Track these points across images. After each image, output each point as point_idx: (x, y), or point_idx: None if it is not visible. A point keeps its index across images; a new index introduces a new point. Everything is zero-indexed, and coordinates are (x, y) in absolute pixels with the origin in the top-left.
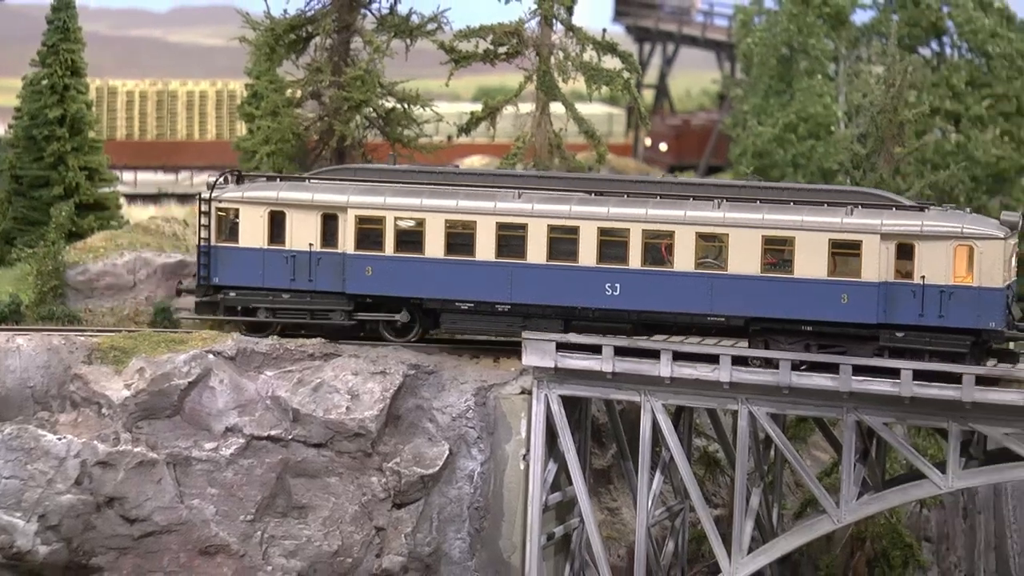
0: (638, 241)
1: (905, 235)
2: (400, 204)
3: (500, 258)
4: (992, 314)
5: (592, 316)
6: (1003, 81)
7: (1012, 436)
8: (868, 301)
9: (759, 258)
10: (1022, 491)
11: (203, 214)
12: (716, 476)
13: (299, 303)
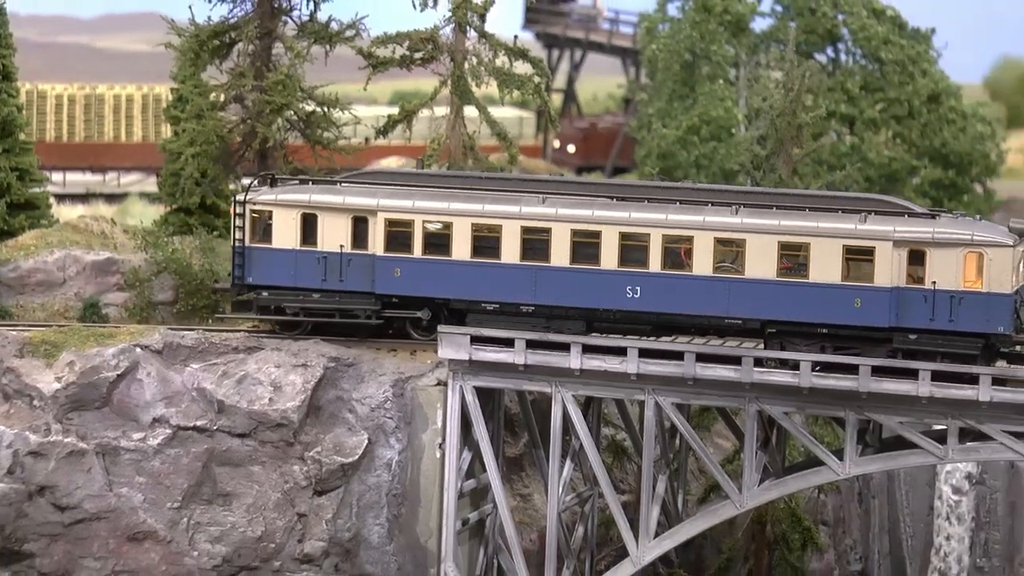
0: (658, 245)
1: (917, 242)
2: (428, 208)
3: (525, 261)
4: (1001, 319)
5: (613, 318)
6: (895, 86)
7: (906, 424)
8: (881, 305)
9: (775, 263)
10: (915, 477)
11: (238, 216)
12: (624, 464)
13: (328, 302)
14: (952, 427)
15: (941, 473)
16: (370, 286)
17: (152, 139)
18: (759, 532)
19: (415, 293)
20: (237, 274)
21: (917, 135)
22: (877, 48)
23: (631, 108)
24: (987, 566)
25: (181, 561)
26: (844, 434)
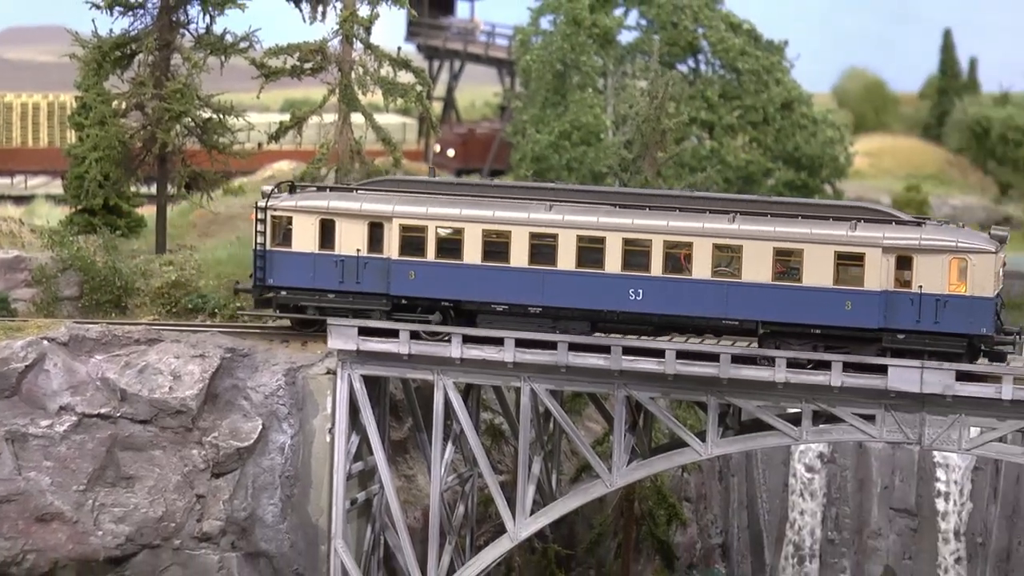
0: (660, 251)
1: (905, 248)
2: (441, 214)
3: (533, 265)
4: (983, 321)
5: (617, 319)
6: (751, 94)
7: (763, 408)
8: (871, 308)
9: (770, 267)
10: (771, 456)
11: (259, 221)
12: (501, 446)
13: (343, 302)
14: (806, 410)
15: (795, 453)
16: (385, 288)
17: (58, 144)
18: (627, 509)
19: (428, 295)
20: (258, 276)
21: (772, 139)
22: (734, 59)
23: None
24: (837, 538)
25: (87, 540)
26: (706, 417)
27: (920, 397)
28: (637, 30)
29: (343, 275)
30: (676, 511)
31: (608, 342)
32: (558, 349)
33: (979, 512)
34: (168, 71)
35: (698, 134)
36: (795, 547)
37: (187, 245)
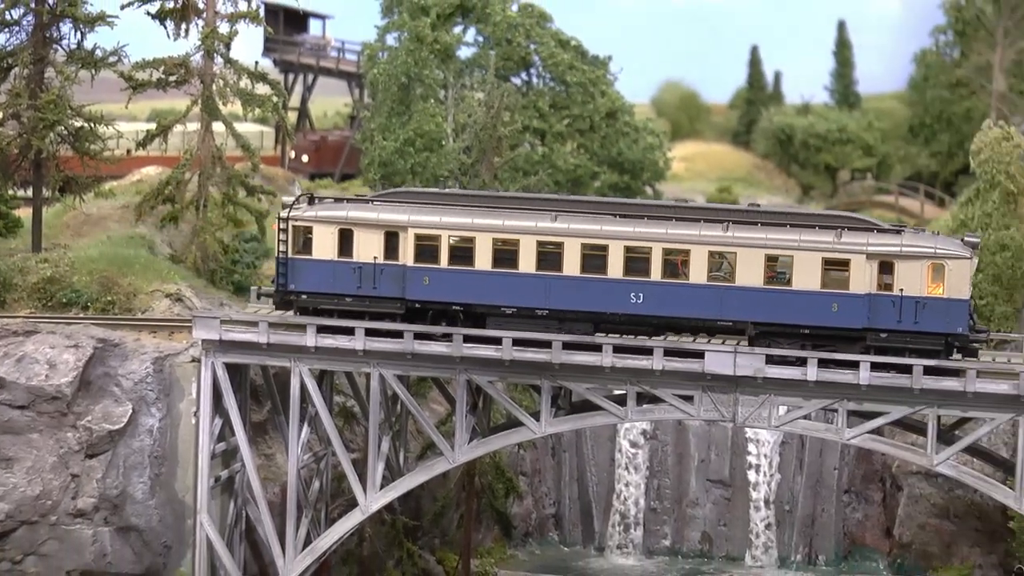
0: (659, 257)
1: (887, 254)
2: (454, 223)
3: (540, 271)
4: (959, 321)
5: (618, 320)
6: (579, 104)
7: (592, 390)
8: (856, 309)
9: (762, 272)
10: (599, 433)
11: (281, 231)
12: (353, 426)
13: (359, 306)
14: (631, 392)
15: (621, 430)
16: (401, 292)
17: None
18: (469, 483)
19: (442, 299)
20: (281, 282)
21: (598, 146)
22: (563, 73)
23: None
24: (659, 507)
25: None
26: (540, 399)
27: (734, 379)
28: (475, 46)
29: (360, 281)
30: (513, 485)
31: (449, 330)
32: (404, 338)
33: (786, 482)
34: (42, 83)
35: (531, 141)
36: (621, 516)
37: (61, 244)
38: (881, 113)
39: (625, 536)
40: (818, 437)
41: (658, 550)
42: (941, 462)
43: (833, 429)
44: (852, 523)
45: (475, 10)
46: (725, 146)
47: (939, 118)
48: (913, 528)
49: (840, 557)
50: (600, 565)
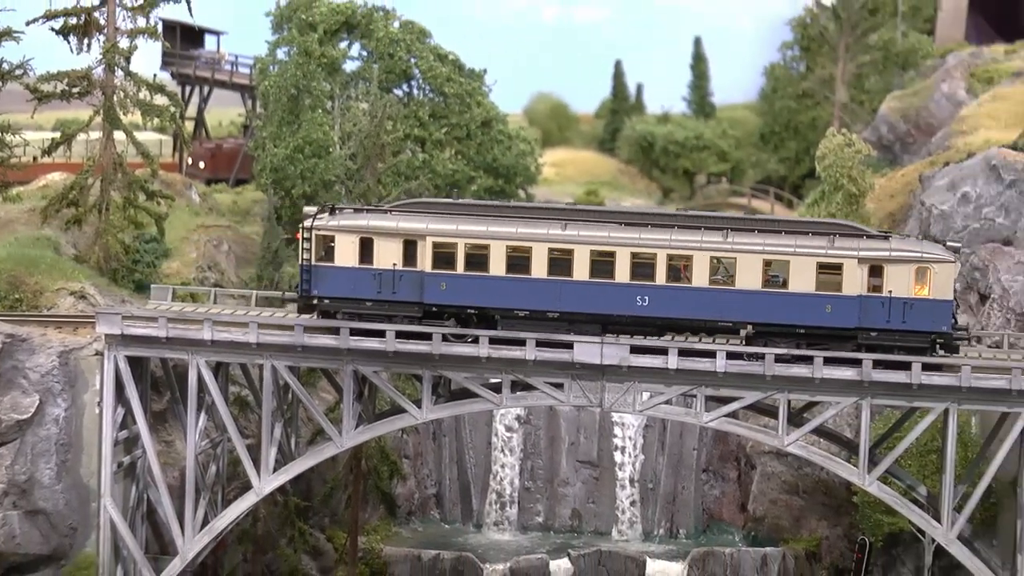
0: (663, 262)
1: (877, 258)
2: (469, 232)
3: (551, 276)
4: (944, 320)
5: (625, 322)
6: (456, 114)
7: (470, 379)
8: (848, 310)
9: (760, 276)
10: (476, 419)
11: (305, 240)
12: (248, 414)
13: (379, 310)
14: (506, 380)
15: (497, 416)
16: (419, 297)
17: None
18: (356, 466)
19: (459, 303)
20: (304, 288)
21: (474, 152)
22: (442, 85)
23: (249, 132)
24: (533, 487)
25: None
26: (422, 388)
27: (600, 368)
28: (359, 60)
29: (380, 286)
30: (397, 467)
31: (336, 324)
32: (295, 331)
33: (649, 462)
34: None
35: (412, 147)
36: (497, 495)
37: None
38: (734, 122)
39: (501, 513)
40: (679, 420)
41: (532, 526)
42: (791, 443)
43: (692, 413)
44: (710, 499)
45: (359, 27)
46: (592, 152)
47: (787, 126)
48: (765, 503)
49: (699, 531)
50: (478, 540)
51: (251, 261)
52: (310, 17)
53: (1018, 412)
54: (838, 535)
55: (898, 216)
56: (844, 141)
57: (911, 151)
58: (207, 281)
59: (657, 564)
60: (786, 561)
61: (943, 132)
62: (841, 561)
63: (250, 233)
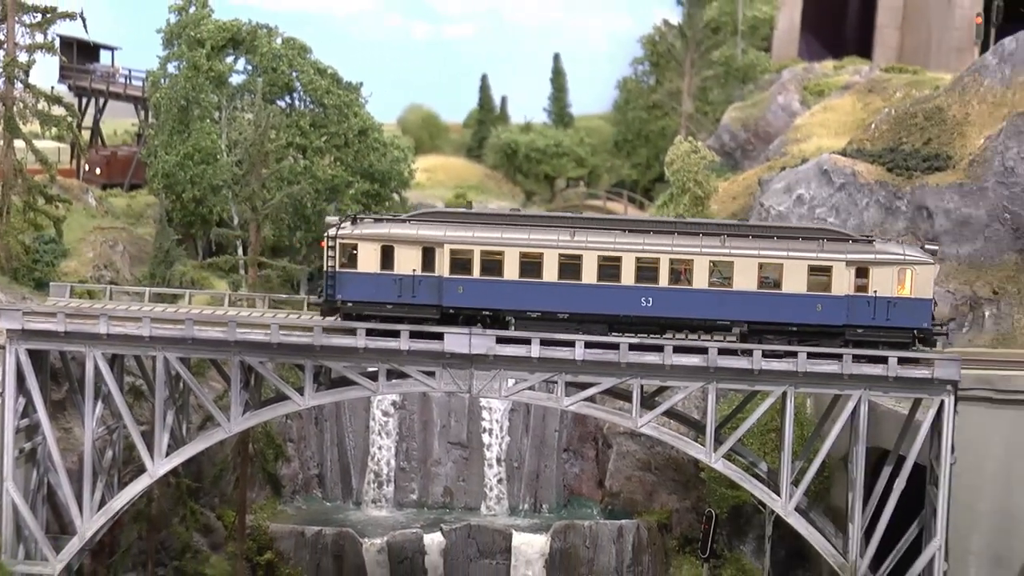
0: (666, 266)
1: (863, 261)
2: (485, 239)
3: (561, 279)
4: (924, 317)
5: (630, 322)
6: (335, 123)
7: (348, 368)
8: (837, 309)
9: (756, 279)
10: (355, 405)
11: (330, 248)
12: (142, 402)
13: (399, 312)
14: (382, 369)
15: (374, 402)
16: (437, 300)
17: None
18: (243, 449)
19: (475, 305)
20: (329, 293)
21: (352, 159)
22: (321, 96)
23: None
24: (408, 467)
25: None
26: (304, 376)
27: (469, 357)
28: (244, 74)
29: (401, 290)
30: (281, 450)
31: (224, 319)
32: (185, 324)
33: (515, 443)
34: None
35: (294, 155)
36: (375, 475)
37: None
38: (591, 131)
39: (379, 492)
40: (541, 405)
41: (407, 503)
42: (644, 424)
43: (554, 398)
44: (570, 476)
45: (245, 43)
46: (460, 159)
47: (638, 135)
48: (621, 480)
49: (561, 505)
50: (357, 517)
51: (144, 260)
52: (198, 34)
53: (849, 394)
54: (687, 508)
55: (739, 216)
56: (690, 148)
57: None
58: (103, 279)
59: (522, 536)
60: (640, 532)
61: (779, 140)
62: (690, 532)
63: (143, 234)
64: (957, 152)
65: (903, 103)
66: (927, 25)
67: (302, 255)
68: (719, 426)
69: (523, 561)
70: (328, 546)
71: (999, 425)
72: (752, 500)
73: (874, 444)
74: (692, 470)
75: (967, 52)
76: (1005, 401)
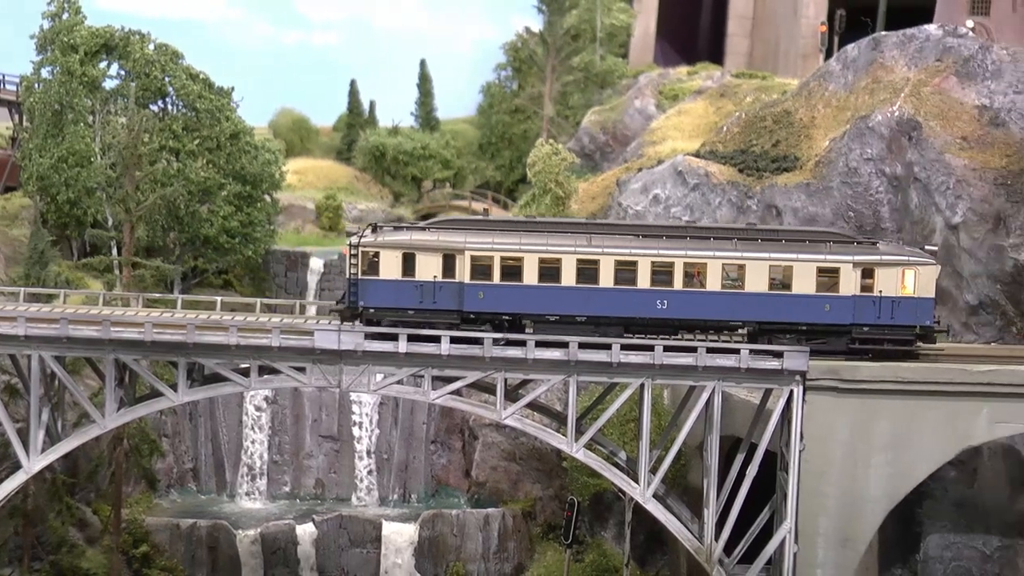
0: (680, 270)
1: (869, 263)
2: (505, 246)
3: (579, 284)
4: (926, 315)
5: (646, 323)
6: (207, 127)
7: (221, 364)
8: (844, 308)
9: (767, 281)
10: (228, 400)
11: (352, 256)
12: (17, 400)
13: (421, 318)
14: (254, 365)
15: (247, 397)
16: (458, 305)
17: None
18: (118, 445)
19: (495, 310)
20: (352, 299)
21: (224, 161)
22: (194, 101)
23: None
24: (280, 460)
25: None
26: (178, 373)
27: (339, 353)
28: (118, 79)
29: (422, 296)
30: (156, 445)
31: (99, 318)
32: (60, 324)
33: (384, 435)
34: None
35: (167, 158)
36: (248, 468)
37: None
38: (456, 134)
39: (252, 484)
40: (409, 398)
41: (280, 495)
42: (508, 416)
43: (421, 391)
44: (438, 467)
45: (118, 48)
46: (330, 161)
47: (502, 138)
48: (487, 470)
49: (429, 495)
50: (232, 509)
51: (19, 261)
52: (72, 40)
53: (703, 385)
54: (550, 496)
55: (599, 216)
56: (551, 150)
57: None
58: None
59: (392, 526)
60: (505, 520)
61: (636, 142)
62: (553, 519)
63: (19, 235)
64: (804, 154)
65: (753, 107)
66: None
67: (176, 255)
68: (580, 417)
69: (393, 549)
70: (203, 538)
71: (845, 413)
72: (612, 488)
73: (728, 433)
74: (555, 460)
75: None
76: (850, 390)
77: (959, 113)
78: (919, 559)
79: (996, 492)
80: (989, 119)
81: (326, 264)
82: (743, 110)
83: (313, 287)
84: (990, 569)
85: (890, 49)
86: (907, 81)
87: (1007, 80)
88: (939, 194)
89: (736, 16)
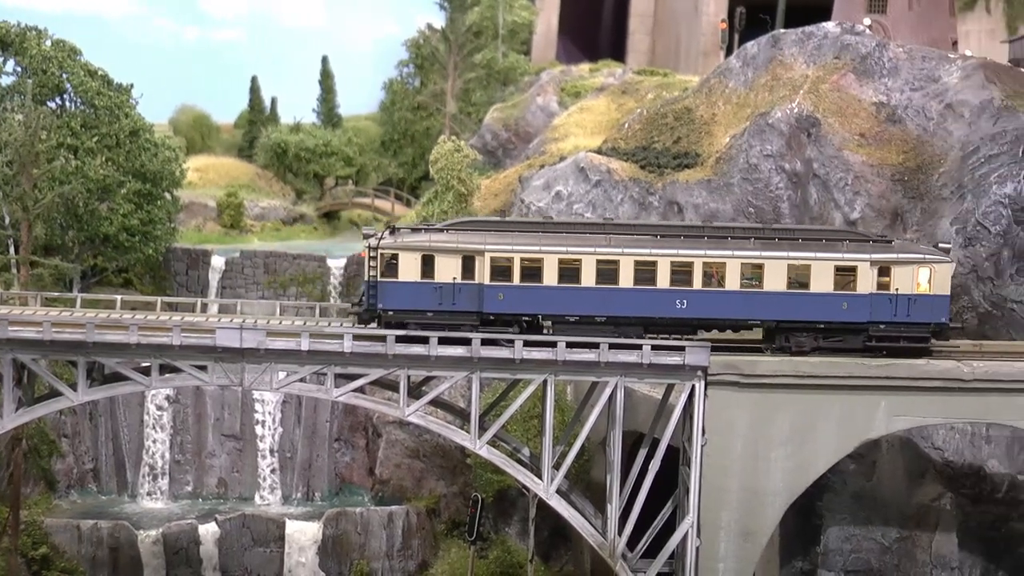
0: (699, 270)
1: (886, 261)
2: (524, 247)
3: (599, 284)
4: (942, 313)
5: (666, 323)
6: (106, 124)
7: (121, 364)
8: (861, 307)
9: (785, 280)
10: (130, 399)
11: (371, 258)
12: None
13: (440, 320)
14: (155, 364)
15: (149, 396)
16: (478, 307)
17: None
18: (17, 446)
19: (515, 311)
20: (371, 302)
21: (123, 159)
22: (92, 98)
23: None
24: (182, 459)
25: None
26: (77, 372)
27: (240, 351)
28: (14, 75)
29: (441, 298)
30: (56, 446)
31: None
32: None
33: (288, 434)
34: None
35: (65, 155)
36: (150, 467)
37: None
38: (358, 131)
39: (154, 484)
40: (312, 396)
41: (182, 495)
42: (411, 413)
43: (324, 389)
44: (342, 465)
45: (13, 45)
46: (232, 159)
47: (404, 135)
48: (391, 467)
49: (333, 493)
50: (133, 509)
51: None
52: None
53: (606, 381)
54: (455, 493)
55: (500, 212)
56: (454, 147)
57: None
58: None
59: (296, 524)
60: (409, 517)
61: (539, 139)
62: (457, 516)
63: None
64: (705, 150)
65: (654, 104)
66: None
67: (75, 254)
68: (484, 414)
69: (296, 548)
70: (104, 539)
71: (745, 408)
72: (516, 484)
73: (631, 428)
74: (459, 457)
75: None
76: (750, 385)
77: (857, 110)
78: (819, 551)
79: (894, 485)
80: (886, 116)
81: (228, 262)
82: (645, 107)
83: (215, 285)
84: (889, 560)
85: (789, 47)
86: (806, 78)
87: (904, 77)
88: (838, 190)
89: (637, 14)
